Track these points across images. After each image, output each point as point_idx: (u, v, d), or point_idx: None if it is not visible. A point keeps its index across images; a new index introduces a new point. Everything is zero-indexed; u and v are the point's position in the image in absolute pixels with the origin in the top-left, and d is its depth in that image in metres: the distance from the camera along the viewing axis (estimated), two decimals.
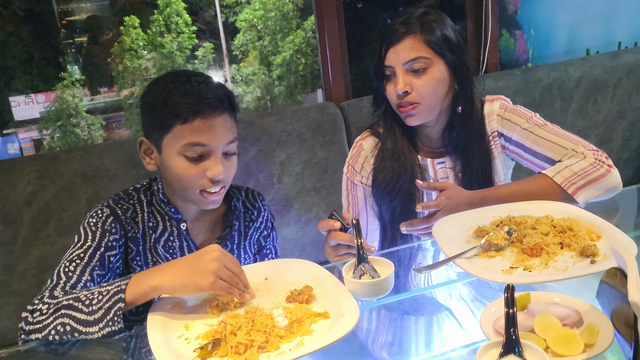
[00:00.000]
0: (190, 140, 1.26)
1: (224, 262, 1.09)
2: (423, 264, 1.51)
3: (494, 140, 1.60)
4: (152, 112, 1.30)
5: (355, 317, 0.98)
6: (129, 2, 9.72)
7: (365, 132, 1.69)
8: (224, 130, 1.30)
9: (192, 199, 1.35)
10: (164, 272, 1.09)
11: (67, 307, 1.10)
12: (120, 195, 1.42)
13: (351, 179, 1.66)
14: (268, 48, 10.17)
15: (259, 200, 1.57)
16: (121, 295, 1.07)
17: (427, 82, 1.47)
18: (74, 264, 1.26)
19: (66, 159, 1.88)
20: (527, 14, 2.81)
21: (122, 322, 1.06)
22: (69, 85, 9.33)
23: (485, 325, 0.95)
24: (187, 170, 1.29)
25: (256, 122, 2.13)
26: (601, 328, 0.90)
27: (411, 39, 1.47)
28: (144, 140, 1.36)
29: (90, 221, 1.34)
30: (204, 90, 1.28)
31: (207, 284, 1.06)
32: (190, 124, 1.26)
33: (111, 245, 1.32)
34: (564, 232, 1.20)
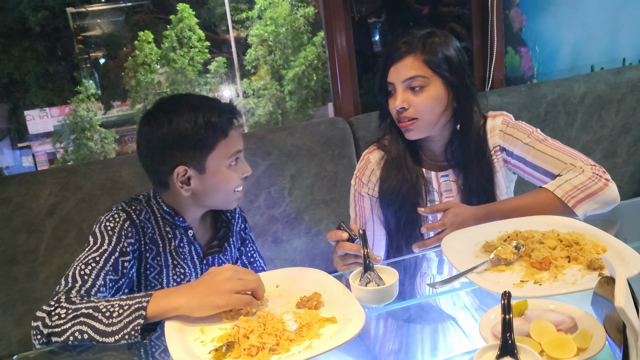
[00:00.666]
0: (234, 149, 1.40)
1: (236, 276, 1.13)
2: (427, 273, 1.56)
3: (496, 154, 1.65)
4: (191, 139, 1.34)
5: (361, 322, 1.03)
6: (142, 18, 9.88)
7: (372, 146, 1.75)
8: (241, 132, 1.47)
9: (228, 201, 1.45)
10: (183, 293, 1.13)
11: (87, 315, 1.13)
12: (131, 200, 1.46)
13: (358, 191, 1.72)
14: (279, 62, 10.26)
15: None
16: (142, 312, 1.11)
17: (424, 100, 1.53)
18: (90, 267, 1.28)
19: (86, 171, 1.96)
20: (532, 31, 2.87)
21: (140, 336, 1.10)
22: (84, 99, 9.46)
23: (484, 330, 1.00)
24: (235, 178, 1.41)
25: (267, 137, 2.19)
26: (594, 333, 0.95)
27: (411, 58, 1.53)
28: (181, 169, 1.36)
29: (107, 225, 1.35)
30: (220, 105, 1.40)
31: (224, 302, 1.10)
32: (230, 136, 1.39)
33: (125, 251, 1.34)
34: (570, 246, 1.24)
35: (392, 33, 3.45)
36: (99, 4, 9.66)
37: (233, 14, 10.53)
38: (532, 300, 1.06)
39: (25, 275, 1.88)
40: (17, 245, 1.88)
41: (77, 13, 9.60)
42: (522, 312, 1.04)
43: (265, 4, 10.24)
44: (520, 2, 2.83)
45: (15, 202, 1.88)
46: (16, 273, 1.88)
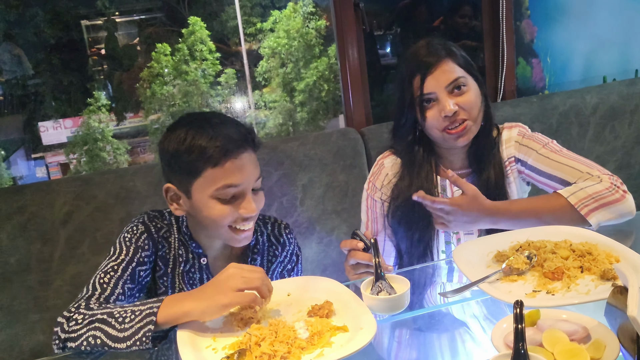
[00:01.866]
0: (224, 182, 1.27)
1: (239, 274, 1.13)
2: (439, 282, 1.56)
3: (511, 165, 1.64)
4: (178, 159, 1.29)
5: (372, 331, 1.04)
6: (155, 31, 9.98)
7: (387, 152, 1.75)
8: (252, 168, 1.31)
9: (225, 237, 1.36)
10: (192, 297, 1.14)
11: (101, 321, 1.15)
12: (155, 214, 1.45)
13: (371, 196, 1.72)
14: (291, 75, 10.31)
15: (285, 234, 1.55)
16: (153, 318, 1.12)
17: (469, 98, 1.54)
18: (109, 276, 1.31)
19: (100, 181, 1.98)
20: (543, 42, 2.88)
21: (151, 343, 1.11)
22: (96, 110, 9.56)
23: (496, 339, 1.00)
24: (221, 211, 1.30)
25: (279, 147, 2.21)
26: (607, 343, 0.95)
27: (445, 64, 1.54)
28: (170, 187, 1.35)
29: (126, 236, 1.38)
30: (228, 130, 1.29)
31: (228, 300, 1.10)
32: (222, 167, 1.26)
33: (142, 261, 1.37)
34: (583, 256, 1.23)
35: (404, 46, 3.46)
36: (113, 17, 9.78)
37: (245, 27, 10.62)
38: (545, 310, 1.06)
39: (38, 284, 1.90)
40: (32, 254, 1.90)
41: (92, 26, 9.74)
42: (535, 321, 1.04)
43: (279, 16, 10.32)
44: (531, 13, 2.84)
45: (30, 211, 1.90)
46: (30, 282, 1.90)
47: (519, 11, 2.83)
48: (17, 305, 1.88)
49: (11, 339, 1.88)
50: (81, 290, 1.30)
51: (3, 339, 1.87)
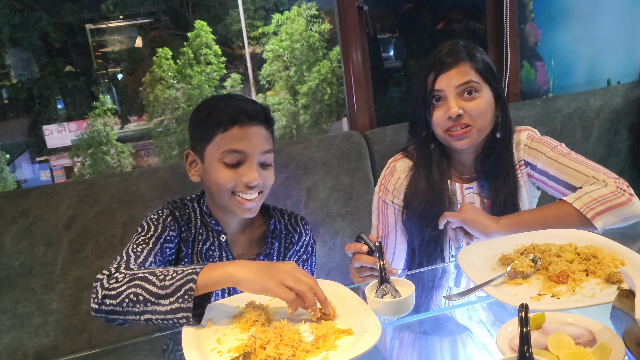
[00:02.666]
0: (229, 147, 1.39)
1: (293, 273, 1.14)
2: (444, 285, 1.56)
3: (521, 169, 1.65)
4: (197, 127, 1.45)
5: (377, 334, 1.03)
6: (159, 34, 10.03)
7: (399, 154, 1.75)
8: (259, 139, 1.42)
9: (228, 204, 1.44)
10: (239, 264, 1.16)
11: (142, 278, 1.17)
12: (178, 204, 1.54)
13: (383, 198, 1.72)
14: (294, 78, 10.34)
15: (302, 225, 1.64)
16: (194, 276, 1.13)
17: (478, 105, 1.54)
18: (141, 247, 1.36)
19: (104, 184, 1.98)
20: (547, 45, 2.87)
21: (191, 302, 1.11)
22: (101, 114, 9.60)
23: (501, 343, 1.00)
24: (225, 174, 1.40)
25: (283, 150, 2.21)
26: (613, 347, 0.94)
27: (461, 65, 1.54)
28: (190, 153, 1.50)
29: (152, 217, 1.46)
30: (242, 104, 1.43)
31: (272, 286, 1.11)
32: (229, 132, 1.39)
33: (169, 239, 1.44)
34: (588, 260, 1.23)
35: (407, 48, 3.47)
36: (117, 21, 9.83)
37: (249, 30, 10.65)
38: (550, 314, 1.06)
39: (42, 287, 1.90)
40: (35, 257, 1.90)
41: (96, 29, 9.78)
42: (540, 325, 1.03)
43: (281, 19, 10.35)
44: (535, 16, 2.84)
45: (34, 215, 1.90)
46: (34, 285, 1.90)
47: (523, 14, 2.83)
48: (20, 308, 1.88)
49: (15, 342, 1.88)
50: (88, 292, 1.32)
51: (7, 342, 1.87)
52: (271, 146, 1.47)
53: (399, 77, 3.58)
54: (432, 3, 3.25)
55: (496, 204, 1.61)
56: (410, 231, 1.68)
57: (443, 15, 3.15)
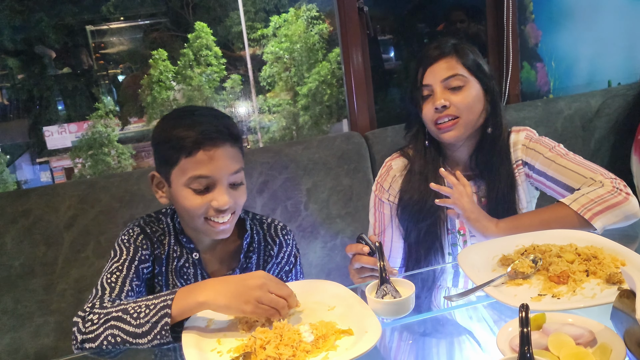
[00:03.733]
0: (195, 172, 1.30)
1: (267, 287, 1.13)
2: (444, 286, 1.56)
3: (518, 168, 1.65)
4: (160, 148, 1.35)
5: (377, 334, 1.03)
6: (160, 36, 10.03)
7: (395, 153, 1.76)
8: (226, 161, 1.33)
9: (201, 228, 1.38)
10: (209, 288, 1.14)
11: (116, 319, 1.16)
12: (152, 218, 1.48)
13: (379, 197, 1.73)
14: (294, 79, 10.33)
15: (282, 235, 1.55)
16: (167, 310, 1.13)
17: (464, 98, 1.56)
18: (115, 276, 1.33)
19: (105, 184, 1.98)
20: (547, 46, 2.88)
21: (170, 336, 1.12)
22: (102, 115, 9.59)
23: (501, 343, 0.99)
24: (193, 201, 1.32)
25: (284, 151, 2.21)
26: (614, 347, 0.94)
27: (447, 60, 1.58)
28: (156, 175, 1.41)
29: (123, 238, 1.41)
30: (205, 123, 1.32)
31: (249, 310, 1.11)
32: (194, 156, 1.30)
33: (144, 259, 1.40)
34: (588, 260, 1.23)
35: (408, 50, 3.47)
36: (117, 22, 9.83)
37: (249, 32, 10.65)
38: (551, 314, 1.06)
39: (43, 288, 1.90)
40: (36, 258, 1.90)
41: (97, 31, 9.78)
42: (540, 325, 1.03)
43: (280, 21, 10.35)
44: (535, 17, 2.84)
45: (35, 215, 1.91)
46: (34, 285, 1.90)
47: (523, 15, 2.83)
48: (21, 308, 1.88)
49: (16, 343, 1.88)
50: (89, 293, 1.32)
51: (7, 343, 1.87)
52: (241, 164, 1.37)
53: (400, 78, 3.58)
54: (433, 4, 3.25)
55: (493, 203, 1.62)
56: (406, 226, 1.68)
57: (444, 16, 3.16)
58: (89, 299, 1.28)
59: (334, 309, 1.19)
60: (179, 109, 1.41)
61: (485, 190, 1.64)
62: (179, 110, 1.40)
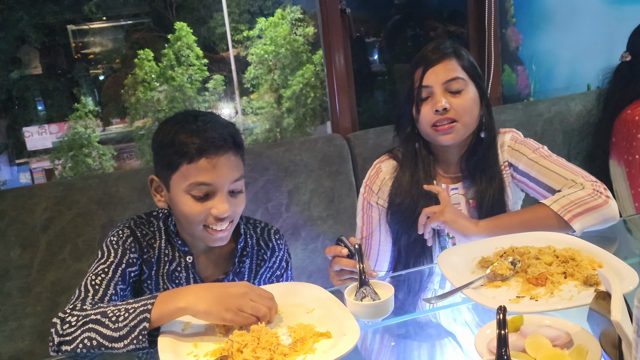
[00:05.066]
0: (196, 179, 1.30)
1: (249, 297, 1.12)
2: (429, 288, 1.55)
3: (505, 170, 1.67)
4: (161, 152, 1.35)
5: (356, 337, 1.03)
6: (142, 36, 9.94)
7: (384, 156, 1.76)
8: (228, 169, 1.33)
9: (199, 235, 1.38)
10: (190, 294, 1.13)
11: (94, 321, 1.14)
12: (142, 220, 1.46)
13: (367, 200, 1.72)
14: (278, 81, 10.32)
15: (275, 240, 1.56)
16: (147, 315, 1.11)
17: (464, 102, 1.57)
18: (100, 278, 1.31)
19: (82, 186, 1.95)
20: (528, 50, 2.90)
21: (147, 341, 1.10)
22: (83, 116, 9.48)
23: (479, 345, 1.00)
24: (193, 208, 1.32)
25: (265, 153, 2.20)
26: (590, 349, 0.95)
27: (448, 62, 1.58)
28: (154, 179, 1.41)
29: (112, 239, 1.39)
30: (209, 130, 1.31)
31: (229, 318, 1.10)
32: (196, 163, 1.29)
33: (132, 262, 1.38)
34: (566, 262, 1.24)
35: (391, 52, 3.47)
36: (99, 22, 9.72)
37: (233, 34, 10.62)
38: (528, 316, 1.06)
39: (18, 291, 1.87)
40: (11, 260, 1.87)
41: (78, 31, 9.67)
42: (518, 327, 1.04)
43: (265, 24, 10.32)
44: (516, 21, 2.86)
45: (10, 216, 1.87)
46: (9, 288, 1.86)
47: (505, 19, 2.86)
48: None
49: None
50: (65, 296, 1.30)
51: None
52: (241, 172, 1.38)
53: (383, 81, 3.59)
54: (416, 7, 3.26)
55: (483, 205, 1.63)
56: (395, 231, 1.68)
57: (426, 19, 3.17)
58: (71, 300, 1.26)
59: (313, 312, 1.18)
60: (182, 113, 1.40)
61: (473, 192, 1.64)
62: (182, 115, 1.39)
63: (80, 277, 1.34)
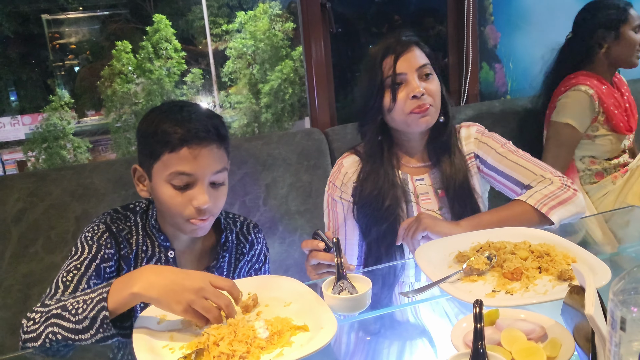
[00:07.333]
0: (177, 169, 1.28)
1: (204, 293, 1.07)
2: (406, 281, 1.56)
3: (471, 160, 1.70)
4: (145, 141, 1.34)
5: (333, 330, 1.02)
6: (119, 27, 9.82)
7: (346, 152, 1.76)
8: (210, 160, 1.31)
9: (180, 226, 1.36)
10: (144, 279, 1.08)
11: (56, 316, 1.12)
12: (119, 215, 1.43)
13: (332, 196, 1.72)
14: (257, 76, 10.28)
15: (254, 233, 1.55)
16: (103, 304, 1.08)
17: (436, 86, 1.60)
18: (72, 274, 1.28)
19: (56, 177, 1.92)
20: (506, 48, 2.93)
21: (113, 328, 1.07)
22: (57, 107, 9.33)
23: (455, 339, 1.00)
24: (173, 198, 1.30)
25: (243, 146, 2.19)
26: (563, 342, 0.96)
27: (415, 49, 1.60)
28: (138, 168, 1.39)
29: (87, 235, 1.36)
30: (193, 120, 1.30)
31: (179, 311, 1.06)
32: (177, 152, 1.28)
33: (107, 258, 1.34)
34: (541, 257, 1.25)
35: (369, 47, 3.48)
36: (75, 12, 9.57)
37: (212, 28, 10.54)
38: (504, 310, 1.07)
39: None
40: None
41: (53, 20, 9.50)
42: (494, 321, 1.04)
43: (245, 18, 10.27)
44: (495, 19, 2.89)
45: None
46: None
47: (483, 17, 2.88)
48: None
49: None
50: (38, 288, 1.28)
51: None
52: (224, 164, 1.36)
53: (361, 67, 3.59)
54: (396, 4, 3.27)
55: (452, 194, 1.64)
56: (364, 225, 1.68)
57: (406, 16, 3.18)
58: (41, 299, 1.24)
59: (290, 305, 1.17)
60: (168, 103, 1.38)
61: (441, 181, 1.66)
62: (168, 104, 1.37)
63: (53, 270, 1.32)
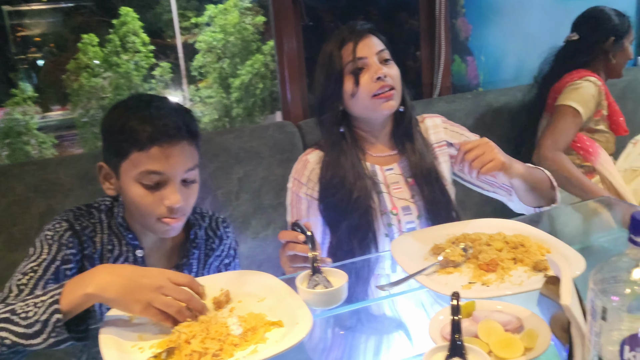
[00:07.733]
0: (147, 168, 1.23)
1: (163, 290, 1.04)
2: (381, 274, 1.54)
3: (442, 148, 1.69)
4: (110, 138, 1.27)
5: (308, 326, 1.00)
6: (85, 20, 9.60)
7: (309, 149, 1.71)
8: (182, 158, 1.26)
9: (151, 226, 1.31)
10: (99, 279, 1.03)
11: (5, 320, 1.03)
12: (82, 212, 1.36)
13: (296, 193, 1.66)
14: (227, 70, 10.17)
15: (222, 228, 1.52)
16: (56, 306, 1.01)
17: (395, 71, 1.59)
18: (28, 277, 1.21)
19: (19, 172, 1.85)
20: (477, 40, 2.95)
21: (66, 332, 1.01)
22: (20, 102, 9.08)
23: (433, 331, 1.00)
24: (144, 198, 1.25)
25: (215, 139, 2.15)
26: (540, 333, 0.96)
27: (371, 36, 1.60)
28: (103, 166, 1.32)
29: (47, 234, 1.29)
30: (162, 117, 1.24)
31: (138, 311, 1.02)
32: (147, 151, 1.22)
33: (67, 259, 1.27)
34: (516, 248, 1.26)
35: None
36: (38, 3, 9.32)
37: (181, 20, 10.39)
38: (480, 302, 1.07)
39: None
40: None
41: (15, 11, 9.23)
42: (470, 313, 1.04)
43: (215, 11, 10.15)
44: (466, 11, 2.90)
45: None
46: None
47: (455, 9, 2.88)
48: None
49: None
50: (3, 286, 1.20)
51: None
52: (196, 162, 1.30)
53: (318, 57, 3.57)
54: None
55: (422, 181, 1.61)
56: (333, 219, 1.62)
57: (378, 8, 3.16)
58: None
59: (264, 301, 1.15)
60: (135, 97, 1.32)
61: (410, 169, 1.63)
62: (134, 99, 1.31)
63: (15, 269, 1.25)
